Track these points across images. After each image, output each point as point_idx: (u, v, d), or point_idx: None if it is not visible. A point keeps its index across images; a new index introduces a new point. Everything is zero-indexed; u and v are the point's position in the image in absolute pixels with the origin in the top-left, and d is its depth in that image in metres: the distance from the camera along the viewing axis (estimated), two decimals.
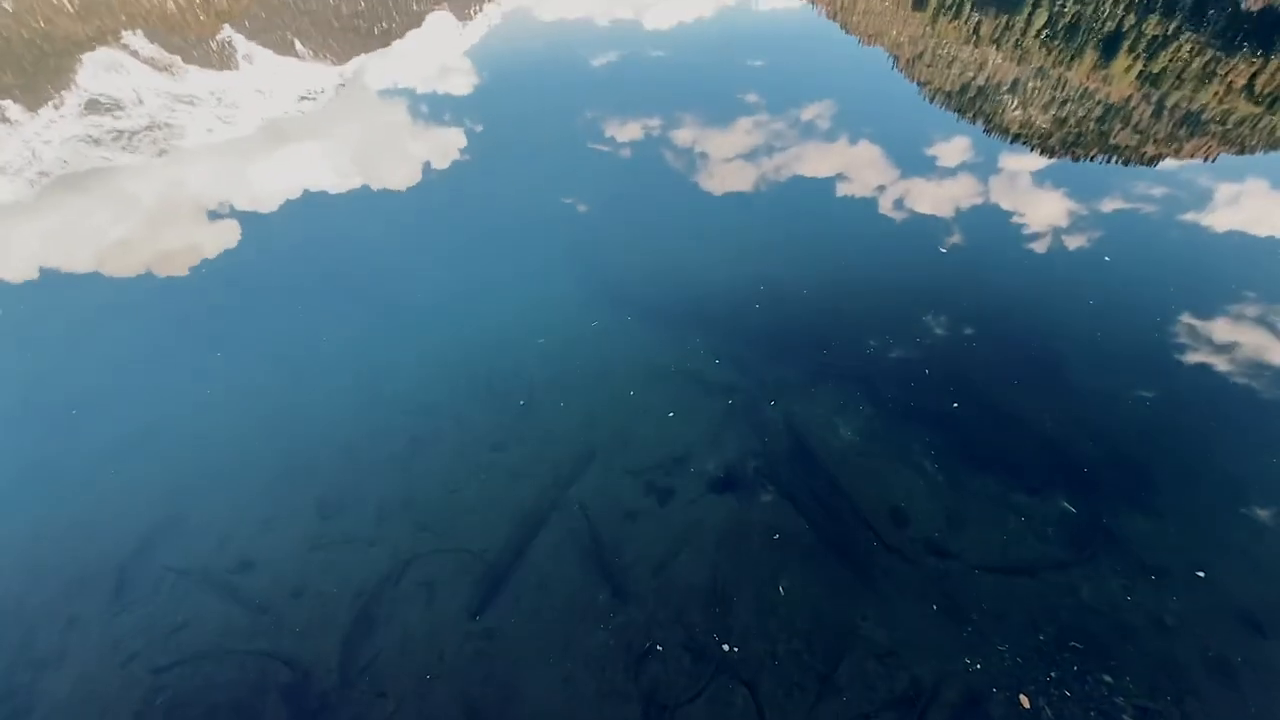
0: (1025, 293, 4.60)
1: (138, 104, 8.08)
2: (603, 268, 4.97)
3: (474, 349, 4.23)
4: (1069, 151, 6.65)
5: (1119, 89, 7.86)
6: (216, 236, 5.49)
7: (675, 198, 5.83)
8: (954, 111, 7.47)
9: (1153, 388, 3.85)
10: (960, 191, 5.81)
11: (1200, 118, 7.24)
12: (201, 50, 9.83)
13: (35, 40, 10.36)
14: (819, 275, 4.79)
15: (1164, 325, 4.29)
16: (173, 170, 6.62)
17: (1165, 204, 5.68)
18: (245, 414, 3.86)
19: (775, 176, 6.11)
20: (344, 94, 8.32)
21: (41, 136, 7.39)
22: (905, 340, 4.17)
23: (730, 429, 3.63)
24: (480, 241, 5.31)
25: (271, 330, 4.47)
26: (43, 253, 5.44)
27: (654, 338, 4.25)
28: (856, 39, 9.88)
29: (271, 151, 6.92)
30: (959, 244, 5.12)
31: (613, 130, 7.05)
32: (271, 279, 5.02)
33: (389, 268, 5.02)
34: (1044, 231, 5.26)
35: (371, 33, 10.57)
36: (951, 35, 9.58)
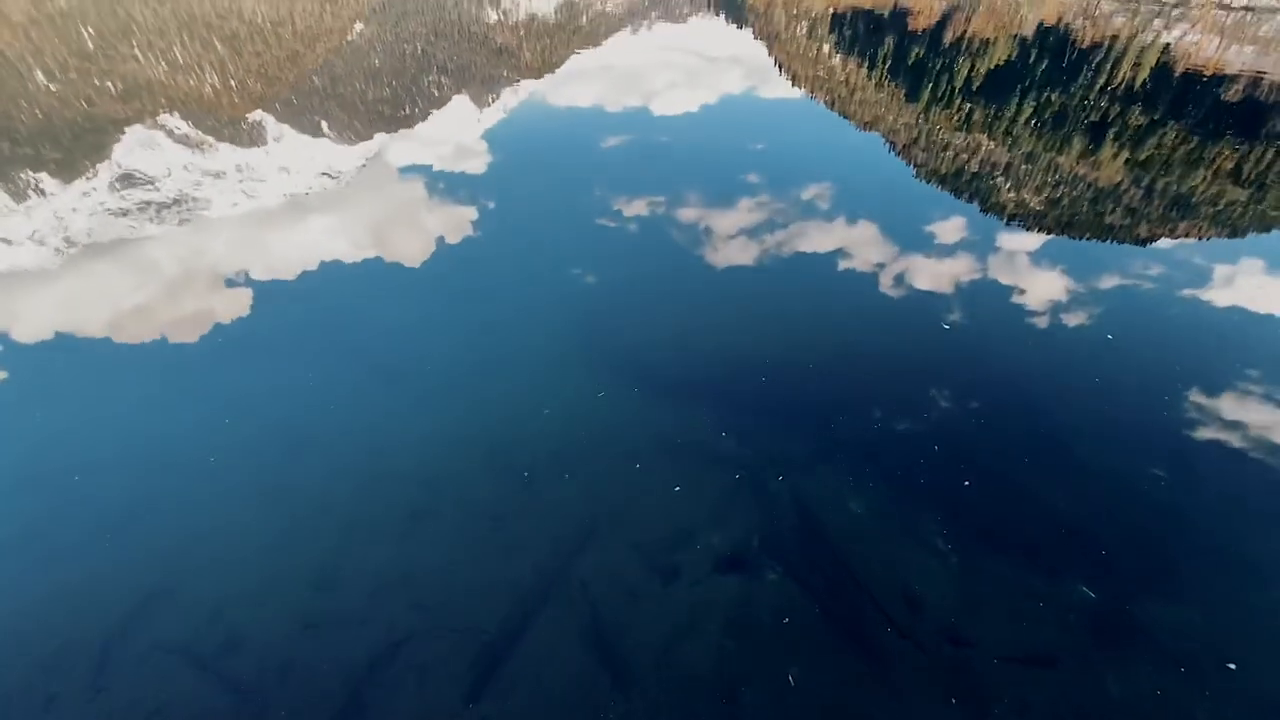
0: (1031, 369, 4.61)
1: (167, 178, 8.47)
2: (610, 339, 5.03)
3: (478, 420, 4.22)
4: (1064, 231, 6.84)
5: (1108, 173, 8.16)
6: (231, 304, 5.61)
7: (681, 272, 5.97)
8: (950, 192, 7.74)
9: (1165, 466, 3.79)
10: (959, 269, 5.95)
11: (1190, 200, 7.47)
12: (233, 129, 10.39)
13: (77, 119, 10.99)
14: (824, 349, 4.83)
15: (1172, 403, 4.27)
16: (194, 240, 6.86)
17: (1163, 282, 5.78)
18: (246, 483, 3.82)
19: (778, 252, 6.27)
20: (364, 172, 8.71)
21: (72, 207, 7.70)
22: (913, 415, 4.15)
23: (737, 504, 3.57)
24: (488, 312, 5.41)
25: (278, 398, 4.49)
26: (59, 317, 5.56)
27: (660, 409, 4.24)
28: (854, 125, 10.38)
29: (291, 224, 7.18)
30: (961, 320, 5.19)
31: (620, 207, 7.31)
32: (282, 347, 5.09)
33: (398, 338, 5.09)
34: (1045, 309, 5.34)
35: (394, 116, 11.18)
36: (944, 123, 10.06)
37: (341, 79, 13.83)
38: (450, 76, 13.84)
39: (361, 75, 14.22)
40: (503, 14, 22.21)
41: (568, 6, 23.57)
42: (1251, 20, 17.80)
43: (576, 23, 20.13)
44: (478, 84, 13.12)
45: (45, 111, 11.47)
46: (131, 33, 19.21)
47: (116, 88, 12.81)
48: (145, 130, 10.23)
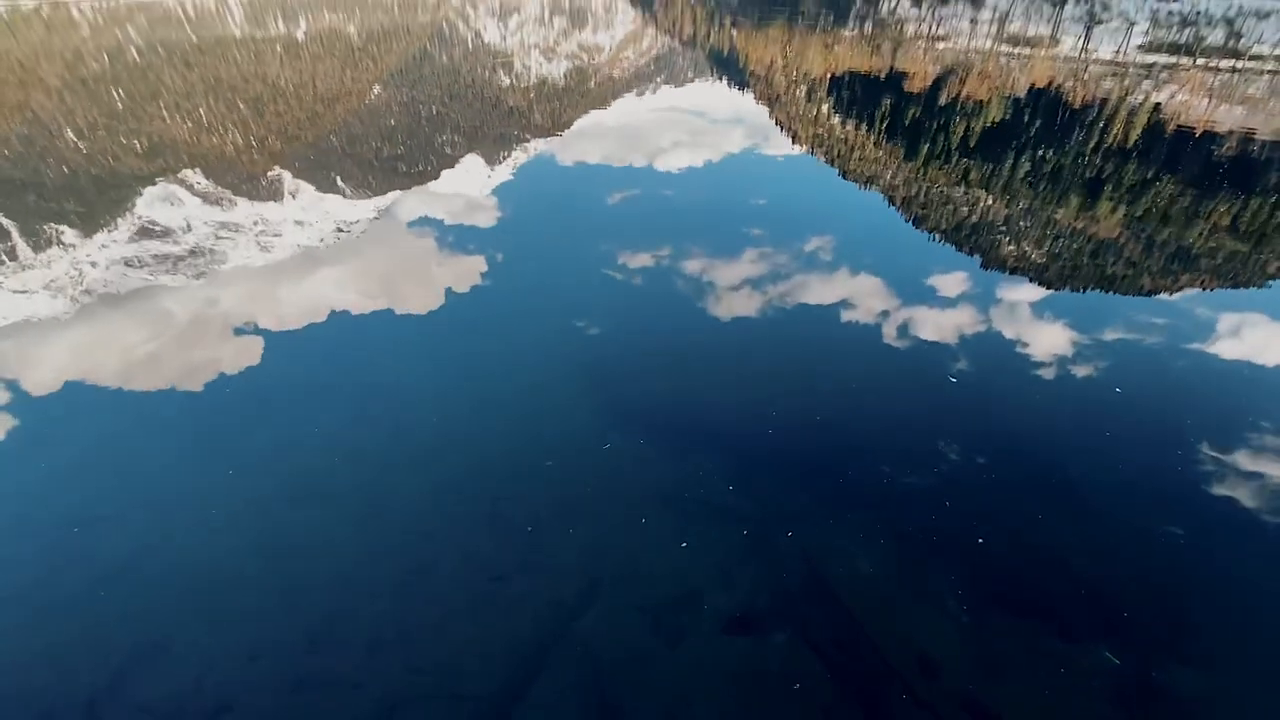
0: (1040, 423, 4.56)
1: (186, 231, 8.70)
2: (615, 391, 5.02)
3: (481, 471, 4.18)
4: (1066, 283, 6.89)
5: (1107, 227, 8.28)
6: (239, 355, 5.66)
7: (685, 322, 6.02)
8: (950, 245, 7.85)
9: (1183, 522, 3.69)
10: (963, 320, 5.97)
11: (1190, 253, 7.55)
12: (252, 185, 10.73)
13: (102, 174, 11.39)
14: (830, 401, 4.81)
15: (1186, 457, 4.20)
16: (207, 291, 6.98)
17: (1168, 334, 5.78)
18: (245, 536, 3.77)
19: (781, 303, 6.33)
20: (377, 225, 8.94)
21: (91, 258, 7.89)
22: (922, 469, 4.08)
23: (745, 562, 3.48)
24: (493, 363, 5.43)
25: (281, 449, 4.47)
26: (69, 366, 5.60)
27: (667, 462, 4.20)
28: (854, 182, 10.63)
29: (302, 276, 7.32)
30: (966, 371, 5.18)
31: (625, 259, 7.44)
32: (288, 398, 5.10)
33: (403, 389, 5.10)
34: (1051, 361, 5.32)
35: (408, 173, 11.55)
36: (942, 179, 10.30)
37: (358, 138, 14.36)
38: (463, 136, 14.34)
39: (378, 134, 14.77)
40: (515, 78, 23.18)
41: (576, 72, 24.64)
42: (1239, 81, 18.38)
43: (585, 86, 20.97)
44: (489, 143, 13.58)
45: (72, 167, 11.90)
46: (160, 95, 20.13)
47: (142, 145, 13.33)
48: (167, 185, 10.57)
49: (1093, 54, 24.37)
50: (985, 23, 39.52)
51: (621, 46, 33.95)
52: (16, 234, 8.69)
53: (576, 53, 30.88)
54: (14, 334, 6.23)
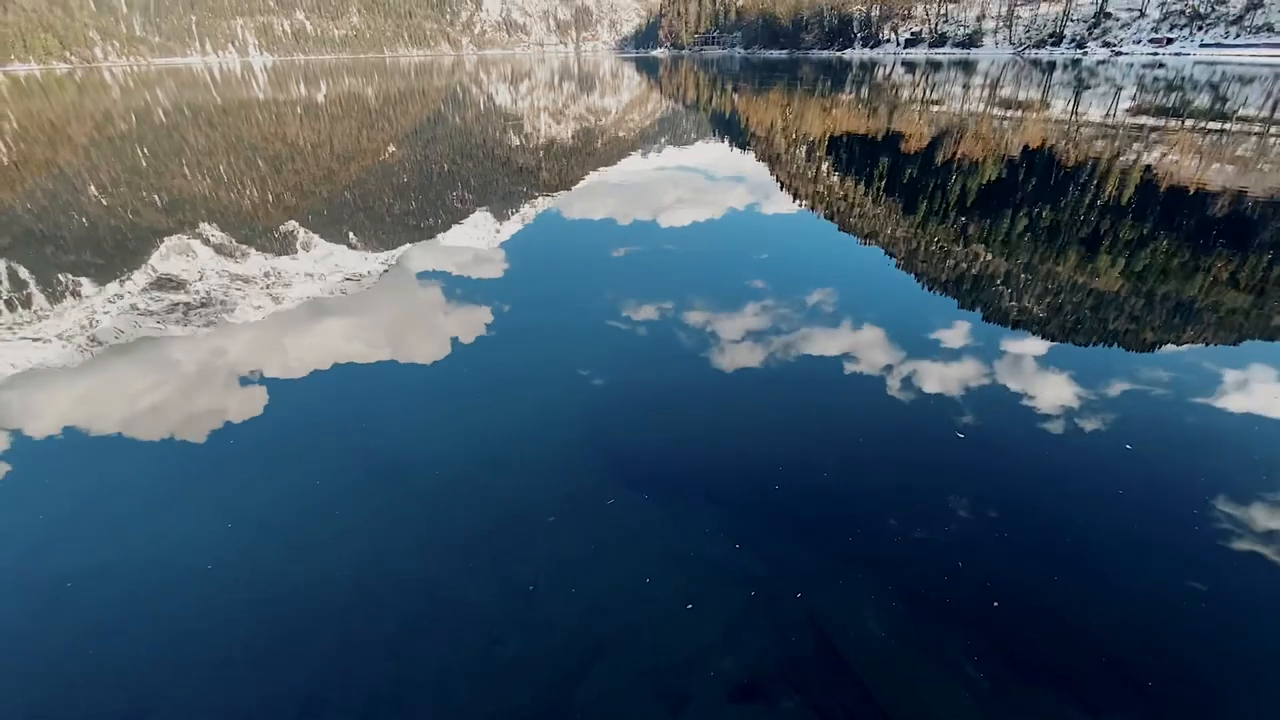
0: (1051, 480, 4.48)
1: (198, 282, 8.87)
2: (619, 444, 4.98)
3: (482, 526, 4.10)
4: (1069, 337, 6.90)
5: (1106, 282, 8.36)
6: (243, 405, 5.67)
7: (689, 375, 6.02)
8: (951, 299, 7.92)
9: (1203, 582, 3.57)
10: (968, 374, 5.96)
11: (1192, 307, 7.58)
12: (265, 238, 11.00)
13: (121, 227, 11.71)
14: (837, 456, 4.75)
15: (1201, 515, 4.10)
16: (216, 341, 7.06)
17: (1175, 388, 5.74)
18: (241, 592, 3.67)
19: (785, 355, 6.34)
20: (386, 277, 9.10)
21: (104, 308, 8.02)
22: (933, 528, 3.99)
23: (752, 625, 3.36)
24: (496, 415, 5.42)
25: (281, 502, 4.42)
26: (72, 415, 5.61)
27: (672, 519, 4.12)
28: (854, 237, 10.83)
29: (309, 327, 7.41)
30: (973, 425, 5.13)
31: (629, 311, 7.51)
32: (290, 449, 5.07)
33: (405, 441, 5.08)
34: (1059, 415, 5.27)
35: (418, 227, 11.84)
36: (941, 235, 10.48)
37: (372, 194, 14.80)
38: (473, 192, 14.75)
39: (390, 190, 15.22)
40: (524, 138, 24.03)
41: (584, 133, 25.55)
42: (1227, 142, 18.90)
43: (592, 146, 21.70)
44: (498, 199, 13.96)
45: (92, 221, 12.26)
46: (183, 153, 20.91)
47: (162, 200, 13.76)
48: (183, 238, 10.85)
49: (1082, 117, 25.20)
50: (977, 87, 41.07)
51: (627, 109, 35.34)
52: (34, 284, 8.87)
53: (584, 115, 32.13)
54: (22, 382, 6.27)
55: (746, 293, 8.06)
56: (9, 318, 7.78)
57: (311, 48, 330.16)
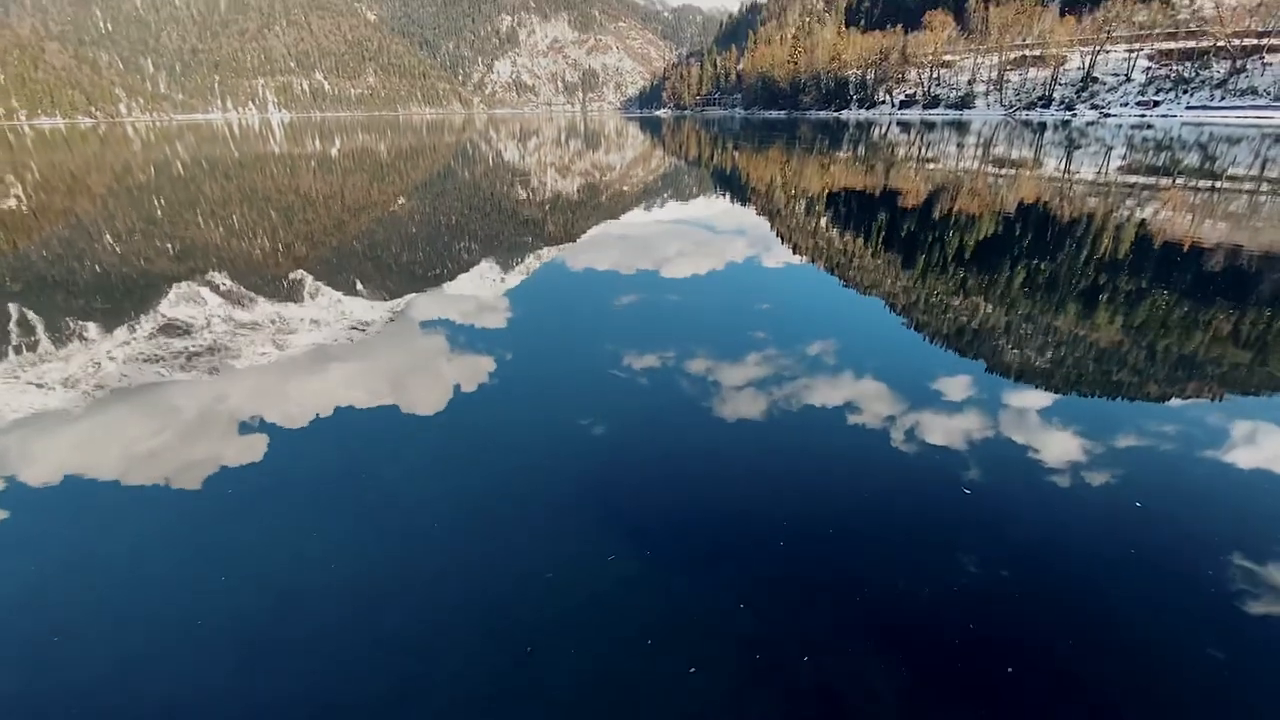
0: (1061, 539, 4.38)
1: (205, 329, 8.95)
2: (620, 497, 4.90)
3: (478, 583, 3.99)
4: (1073, 389, 6.87)
5: (1108, 335, 8.39)
6: (242, 452, 5.62)
7: (691, 425, 5.98)
8: (953, 351, 7.93)
9: (1224, 647, 3.43)
10: (971, 426, 5.91)
11: (1194, 361, 7.58)
12: (274, 286, 11.17)
13: (132, 274, 11.91)
14: (842, 512, 4.66)
15: (1218, 576, 3.98)
16: (219, 387, 7.06)
17: (1182, 443, 5.67)
18: (231, 649, 3.55)
19: (787, 405, 6.31)
20: (390, 326, 9.18)
21: (109, 353, 8.07)
22: (943, 589, 3.87)
23: (758, 692, 3.21)
24: (496, 466, 5.35)
25: (277, 554, 4.32)
26: (69, 461, 5.56)
27: (675, 577, 4.00)
28: (854, 289, 10.96)
29: (312, 373, 7.42)
30: (979, 480, 5.04)
31: (631, 360, 7.53)
32: (286, 499, 5.00)
33: (403, 492, 5.00)
34: (1066, 470, 5.20)
35: (425, 276, 12.02)
36: (940, 288, 10.60)
37: (380, 244, 15.10)
38: (479, 243, 15.04)
39: (398, 241, 15.53)
40: (531, 192, 24.66)
41: (589, 187, 26.25)
42: (1219, 199, 19.31)
43: (596, 200, 22.24)
44: (504, 250, 14.22)
45: (105, 268, 12.48)
46: (198, 203, 21.47)
47: (174, 248, 14.04)
48: (193, 286, 11.02)
49: (1075, 175, 25.87)
50: (971, 146, 42.32)
51: (631, 165, 36.41)
52: (41, 329, 8.96)
53: (589, 170, 33.09)
54: (21, 427, 6.25)
55: (748, 343, 8.10)
56: (14, 362, 7.83)
57: (328, 105, 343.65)
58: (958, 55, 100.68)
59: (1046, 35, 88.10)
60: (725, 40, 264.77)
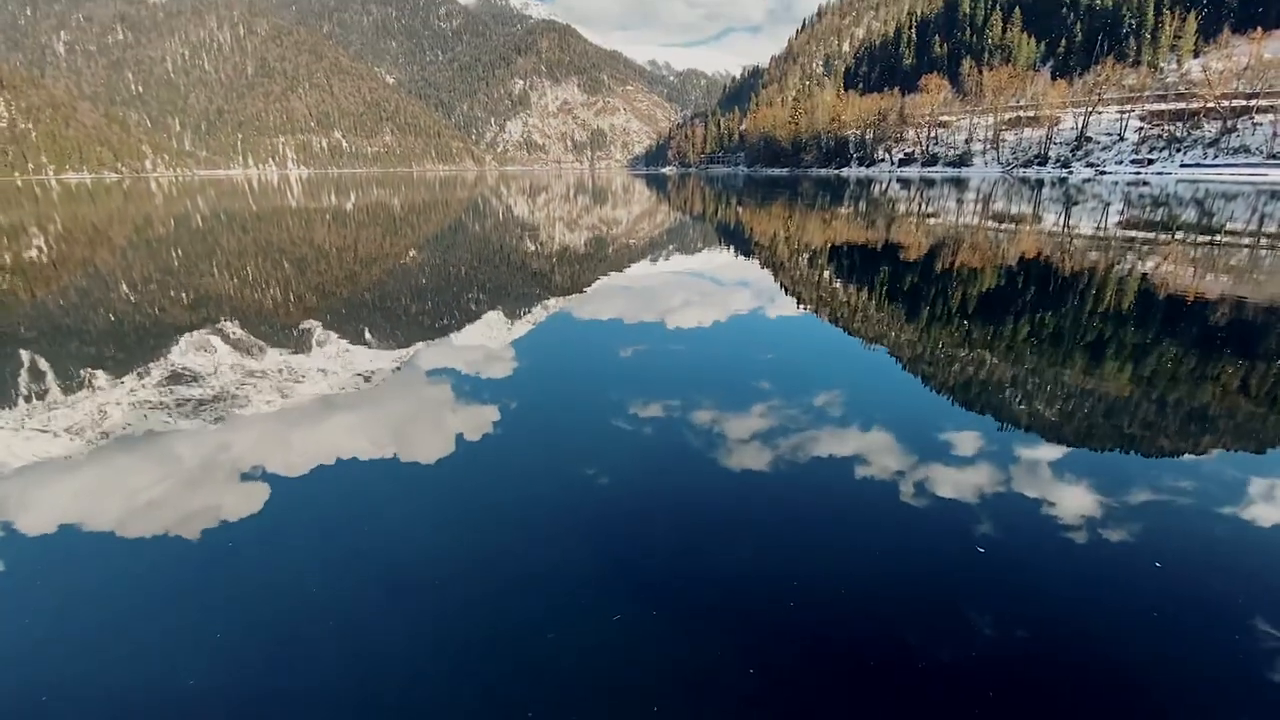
0: (1079, 602, 4.22)
1: (213, 376, 9.01)
2: (625, 552, 4.79)
3: (478, 643, 3.86)
4: (1084, 443, 6.77)
5: (1116, 387, 8.33)
6: (243, 502, 5.56)
7: (697, 477, 5.90)
8: (960, 404, 7.88)
9: (1254, 718, 3.25)
10: (981, 480, 5.80)
11: (1206, 414, 7.49)
12: (283, 335, 11.30)
13: (145, 323, 12.09)
14: (853, 569, 4.52)
15: (1245, 642, 3.81)
16: (222, 436, 7.05)
17: (1199, 498, 5.54)
18: (225, 704, 3.42)
19: (794, 458, 6.23)
20: (397, 375, 9.22)
21: (116, 401, 8.11)
22: (959, 652, 3.72)
23: None
24: (498, 518, 5.27)
25: (272, 609, 4.21)
26: (67, 510, 5.51)
27: (681, 638, 3.86)
28: (859, 340, 10.99)
29: (317, 422, 7.42)
30: (992, 537, 4.91)
31: (636, 410, 7.50)
32: (286, 551, 4.91)
33: (403, 545, 4.91)
34: (1080, 525, 5.06)
35: (433, 326, 12.16)
36: (946, 339, 10.61)
37: (390, 295, 15.35)
38: (487, 294, 15.27)
39: (408, 292, 15.78)
40: (539, 245, 25.19)
41: (596, 240, 26.80)
42: (1220, 253, 19.50)
43: (603, 252, 22.66)
44: (511, 300, 14.41)
45: (119, 316, 12.69)
46: (214, 255, 22.00)
47: (188, 298, 14.30)
48: (204, 334, 11.16)
49: (1075, 229, 26.26)
50: (970, 202, 43.20)
51: (637, 220, 37.26)
52: (51, 377, 9.04)
53: (597, 224, 33.86)
54: (22, 475, 6.22)
55: (753, 393, 8.07)
56: (21, 409, 7.87)
57: (345, 162, 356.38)
58: (954, 116, 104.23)
59: (1039, 97, 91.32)
60: (728, 102, 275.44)
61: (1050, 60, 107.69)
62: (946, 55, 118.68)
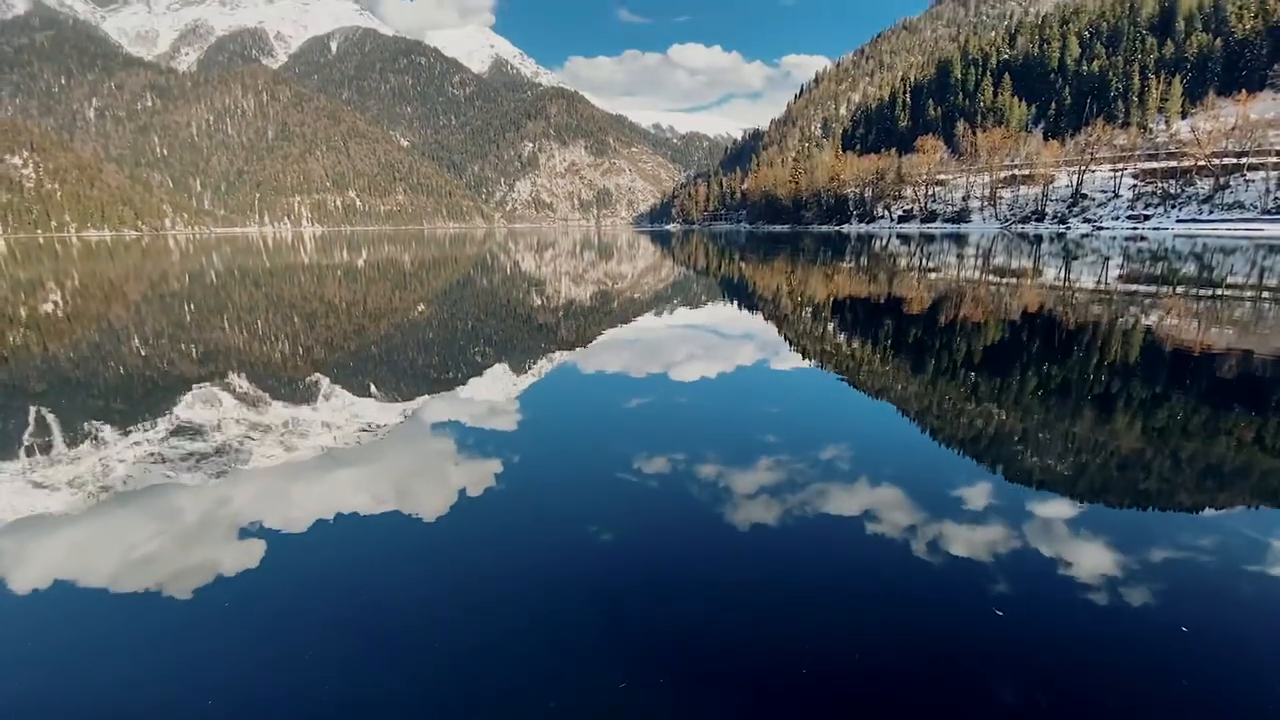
0: (1104, 669, 4.02)
1: (217, 430, 9.00)
2: (630, 614, 4.63)
3: (478, 707, 3.70)
4: (1099, 499, 6.62)
5: (1128, 442, 8.20)
6: (239, 558, 5.45)
7: (703, 536, 5.77)
8: (969, 458, 7.76)
9: None
10: (995, 538, 5.64)
11: (1222, 470, 7.34)
12: (289, 389, 11.34)
13: (154, 376, 12.18)
14: (867, 635, 4.35)
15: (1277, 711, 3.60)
16: (223, 490, 6.98)
17: (1221, 557, 5.36)
18: None
19: (802, 514, 6.10)
20: (400, 428, 9.19)
21: (119, 455, 8.07)
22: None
23: None
24: (500, 576, 5.13)
25: (264, 674, 4.06)
26: (61, 566, 5.41)
27: (691, 707, 3.68)
28: (864, 394, 10.94)
29: (318, 477, 7.35)
30: (1010, 597, 4.74)
31: (641, 464, 7.41)
32: (281, 612, 4.78)
33: (400, 605, 4.77)
34: (1100, 586, 4.88)
35: (439, 380, 12.20)
36: (952, 393, 10.56)
37: (397, 348, 15.48)
38: (494, 347, 15.39)
39: (415, 345, 15.93)
40: (545, 299, 25.56)
41: (601, 295, 27.19)
42: (1222, 307, 19.57)
43: (608, 306, 22.95)
44: (517, 353, 14.50)
45: (129, 370, 12.80)
46: (226, 309, 22.38)
47: (198, 352, 14.45)
48: (211, 388, 11.21)
49: (1076, 283, 26.51)
50: (971, 257, 43.82)
51: (642, 274, 37.89)
52: (56, 430, 9.05)
53: (602, 279, 34.43)
54: (19, 530, 6.14)
55: (759, 447, 7.98)
56: (24, 463, 7.84)
57: (359, 220, 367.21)
58: (950, 175, 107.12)
59: (1033, 157, 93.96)
60: (730, 163, 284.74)
61: (1041, 122, 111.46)
62: (940, 117, 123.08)
